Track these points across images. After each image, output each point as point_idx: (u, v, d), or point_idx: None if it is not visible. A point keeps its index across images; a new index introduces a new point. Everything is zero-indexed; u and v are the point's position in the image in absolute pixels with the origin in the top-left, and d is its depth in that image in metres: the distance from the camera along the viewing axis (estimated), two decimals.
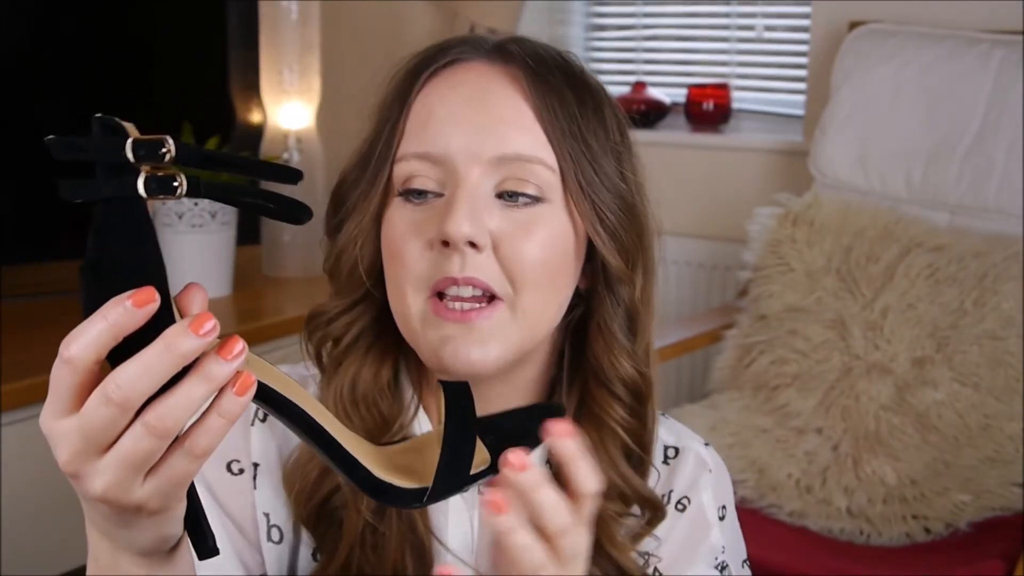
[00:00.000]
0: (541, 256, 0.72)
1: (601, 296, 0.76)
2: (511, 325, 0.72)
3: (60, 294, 2.04)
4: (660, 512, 0.79)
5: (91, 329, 0.49)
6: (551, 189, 0.73)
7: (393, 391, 0.79)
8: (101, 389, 0.49)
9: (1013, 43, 2.01)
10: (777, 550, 1.60)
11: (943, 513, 1.64)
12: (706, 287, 2.54)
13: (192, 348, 0.49)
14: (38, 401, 1.59)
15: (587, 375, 0.77)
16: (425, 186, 0.72)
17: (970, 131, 2.02)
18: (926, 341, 1.84)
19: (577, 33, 2.87)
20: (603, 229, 0.74)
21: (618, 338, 0.76)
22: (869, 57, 2.13)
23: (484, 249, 0.71)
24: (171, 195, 0.50)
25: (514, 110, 0.73)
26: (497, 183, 0.72)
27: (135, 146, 0.48)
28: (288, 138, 2.36)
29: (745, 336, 2.01)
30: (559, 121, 0.73)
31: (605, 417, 0.76)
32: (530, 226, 0.72)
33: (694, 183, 2.55)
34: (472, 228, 0.69)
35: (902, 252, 1.93)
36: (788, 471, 1.76)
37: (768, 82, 2.66)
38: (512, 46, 0.76)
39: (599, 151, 0.74)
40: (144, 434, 0.49)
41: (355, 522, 0.76)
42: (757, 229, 2.08)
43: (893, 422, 1.79)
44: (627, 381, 0.76)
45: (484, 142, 0.72)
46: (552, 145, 0.73)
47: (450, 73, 0.75)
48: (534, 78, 0.73)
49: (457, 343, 0.71)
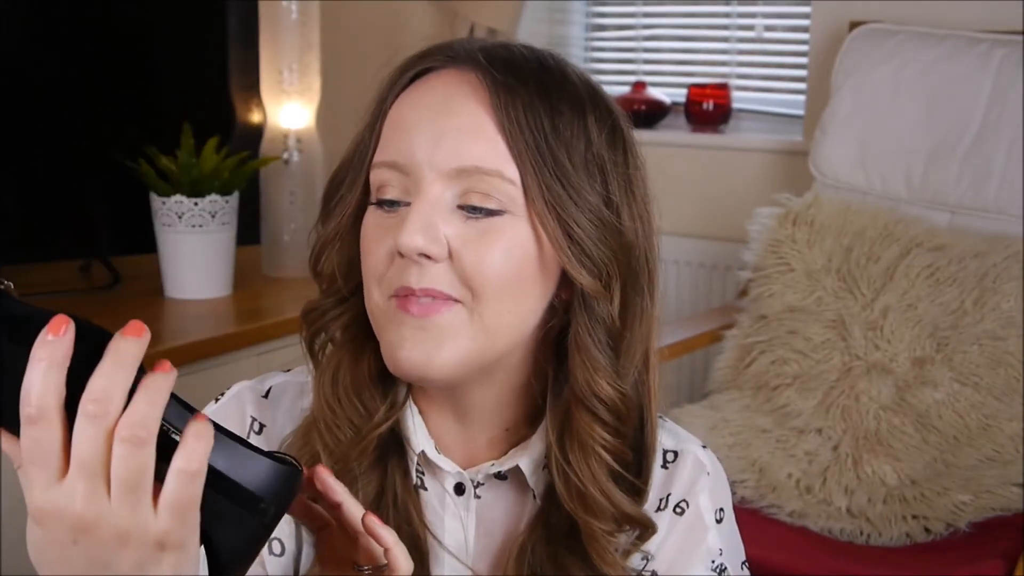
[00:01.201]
0: (500, 265, 0.71)
1: (576, 312, 0.74)
2: (468, 327, 0.71)
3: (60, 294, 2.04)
4: (650, 528, 0.78)
5: (34, 376, 0.50)
6: (513, 202, 0.71)
7: (381, 386, 0.78)
8: (81, 413, 0.50)
9: (1013, 43, 2.01)
10: (777, 550, 1.60)
11: (943, 513, 1.64)
12: (706, 287, 2.54)
13: (139, 349, 0.51)
14: None
15: (571, 391, 0.75)
16: (393, 195, 0.73)
17: (970, 131, 2.02)
18: (926, 341, 1.84)
19: (577, 33, 2.87)
20: (570, 245, 0.71)
21: (595, 356, 0.73)
22: (869, 57, 2.13)
23: (440, 259, 0.70)
24: None
25: (474, 120, 0.71)
26: (459, 193, 0.71)
27: None
28: (288, 138, 2.36)
29: (745, 336, 2.01)
30: (523, 133, 0.71)
31: (587, 439, 0.74)
32: (489, 235, 0.71)
33: (694, 183, 2.55)
34: (424, 240, 0.69)
35: (902, 252, 1.93)
36: (788, 471, 1.76)
37: (768, 82, 2.66)
38: (484, 53, 0.74)
39: (570, 165, 0.71)
40: (128, 451, 0.50)
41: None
42: (757, 229, 2.08)
43: (893, 422, 1.79)
44: (607, 402, 0.74)
45: (444, 152, 0.71)
46: (514, 158, 0.71)
47: (424, 80, 0.75)
48: (498, 87, 0.71)
49: (413, 344, 0.71)
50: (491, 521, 0.81)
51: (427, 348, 0.71)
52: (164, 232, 2.04)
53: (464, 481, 0.80)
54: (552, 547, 0.78)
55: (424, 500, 0.80)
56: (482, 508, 0.81)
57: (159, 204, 2.02)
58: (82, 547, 0.52)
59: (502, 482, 0.80)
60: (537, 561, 0.78)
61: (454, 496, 0.80)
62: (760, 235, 2.07)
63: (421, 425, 0.79)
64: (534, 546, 0.78)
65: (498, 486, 0.80)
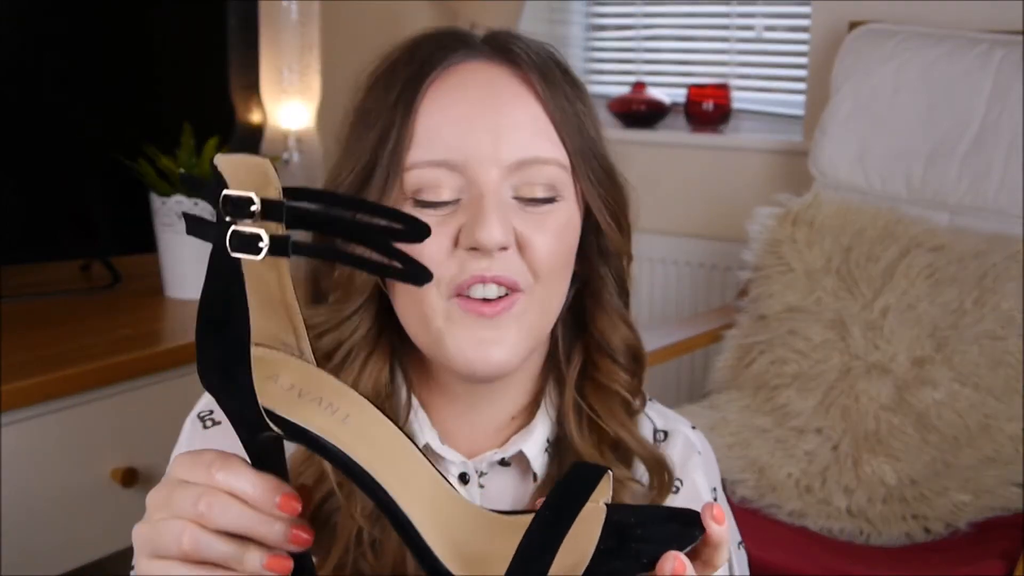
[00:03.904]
0: (557, 247, 0.75)
1: (600, 274, 0.80)
2: (529, 314, 0.74)
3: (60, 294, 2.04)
4: (668, 477, 0.80)
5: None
6: (563, 185, 0.75)
7: (392, 396, 0.79)
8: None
9: (1013, 43, 2.01)
10: (777, 550, 1.60)
11: (943, 513, 1.64)
12: (706, 287, 2.54)
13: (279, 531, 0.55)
14: (38, 401, 1.59)
15: (589, 347, 0.81)
16: (440, 196, 0.73)
17: (970, 131, 2.02)
18: (926, 341, 1.84)
19: (577, 33, 2.87)
20: (608, 214, 0.78)
21: (618, 309, 0.81)
22: (869, 57, 2.13)
23: (511, 248, 0.73)
24: (254, 254, 0.49)
25: (529, 114, 0.74)
26: (515, 185, 0.74)
27: (223, 201, 0.48)
28: (288, 138, 2.36)
29: (745, 336, 2.01)
30: (569, 119, 0.75)
31: (610, 383, 0.80)
32: (547, 222, 0.74)
33: (694, 183, 2.55)
34: (503, 235, 0.71)
35: (902, 252, 1.93)
36: (788, 471, 1.76)
37: (768, 82, 2.66)
38: (512, 45, 0.77)
39: (597, 141, 0.78)
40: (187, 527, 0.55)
41: (348, 527, 0.76)
42: (757, 229, 2.08)
43: (893, 422, 1.79)
44: (629, 346, 0.81)
45: (503, 147, 0.73)
46: (564, 144, 0.75)
47: (454, 76, 0.75)
48: (544, 78, 0.75)
49: (484, 346, 0.72)
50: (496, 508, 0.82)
51: (504, 347, 0.73)
52: (164, 232, 2.04)
53: (468, 471, 0.80)
54: None
55: None
56: (486, 496, 0.81)
57: (159, 204, 2.01)
58: None
59: (505, 468, 0.81)
60: None
61: (459, 486, 0.80)
62: (760, 235, 2.07)
63: (424, 418, 0.80)
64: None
65: (501, 472, 0.81)
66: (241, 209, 0.49)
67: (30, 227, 2.12)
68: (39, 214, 2.12)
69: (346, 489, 0.76)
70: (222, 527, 0.54)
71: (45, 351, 1.71)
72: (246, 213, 0.48)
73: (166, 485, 0.57)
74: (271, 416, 0.54)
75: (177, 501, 0.55)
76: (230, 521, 0.54)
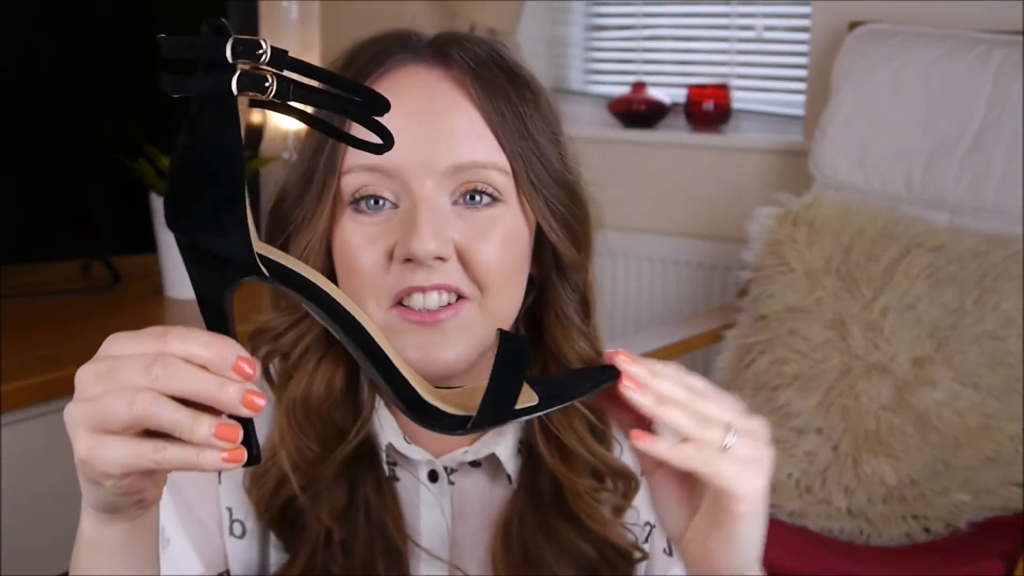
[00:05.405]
0: (503, 257, 0.73)
1: (555, 285, 0.78)
2: (478, 320, 0.73)
3: (60, 294, 2.04)
4: (633, 482, 0.80)
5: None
6: (505, 190, 0.73)
7: (348, 399, 0.78)
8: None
9: (1013, 43, 2.01)
10: (777, 550, 1.60)
11: (943, 513, 1.64)
12: (706, 287, 2.54)
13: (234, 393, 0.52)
14: (38, 401, 1.59)
15: (545, 358, 0.79)
16: (379, 192, 0.72)
17: (970, 131, 2.02)
18: (926, 341, 1.84)
19: (577, 33, 2.87)
20: (555, 221, 0.75)
21: (575, 322, 0.78)
22: (869, 57, 2.13)
23: (449, 259, 0.71)
24: (261, 93, 0.53)
25: (464, 118, 0.73)
26: (452, 191, 0.72)
27: (234, 44, 0.52)
28: (288, 138, 2.36)
29: (745, 336, 2.01)
30: (508, 123, 0.73)
31: None
32: (489, 228, 0.72)
33: (694, 183, 2.55)
34: (437, 244, 0.69)
35: (902, 252, 1.93)
36: (788, 471, 1.76)
37: (768, 82, 2.66)
38: (451, 48, 0.75)
39: (544, 144, 0.75)
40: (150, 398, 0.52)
41: (315, 529, 0.76)
42: (757, 229, 2.08)
43: (893, 422, 1.79)
44: (585, 361, 0.78)
45: (438, 154, 0.71)
46: (503, 148, 0.73)
47: (391, 80, 0.74)
48: (480, 82, 0.73)
49: (429, 348, 0.71)
50: (467, 506, 0.82)
51: (446, 349, 0.72)
52: (164, 232, 2.04)
53: (436, 468, 0.80)
54: (541, 515, 0.79)
55: (399, 493, 0.80)
56: (457, 494, 0.81)
57: (159, 204, 2.02)
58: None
59: (475, 469, 0.82)
60: (526, 532, 0.79)
61: (428, 484, 0.81)
62: (760, 235, 2.07)
63: (387, 417, 0.79)
64: (520, 518, 0.79)
65: (471, 472, 0.82)
66: (249, 52, 0.52)
67: (30, 227, 2.12)
68: (39, 214, 2.12)
69: (310, 492, 0.76)
70: (176, 391, 0.52)
71: (45, 351, 1.71)
72: (253, 56, 0.52)
73: (102, 360, 0.54)
74: (260, 259, 0.57)
75: (125, 371, 0.52)
76: (185, 384, 0.52)
